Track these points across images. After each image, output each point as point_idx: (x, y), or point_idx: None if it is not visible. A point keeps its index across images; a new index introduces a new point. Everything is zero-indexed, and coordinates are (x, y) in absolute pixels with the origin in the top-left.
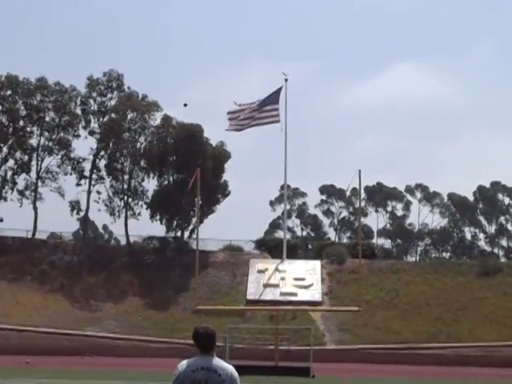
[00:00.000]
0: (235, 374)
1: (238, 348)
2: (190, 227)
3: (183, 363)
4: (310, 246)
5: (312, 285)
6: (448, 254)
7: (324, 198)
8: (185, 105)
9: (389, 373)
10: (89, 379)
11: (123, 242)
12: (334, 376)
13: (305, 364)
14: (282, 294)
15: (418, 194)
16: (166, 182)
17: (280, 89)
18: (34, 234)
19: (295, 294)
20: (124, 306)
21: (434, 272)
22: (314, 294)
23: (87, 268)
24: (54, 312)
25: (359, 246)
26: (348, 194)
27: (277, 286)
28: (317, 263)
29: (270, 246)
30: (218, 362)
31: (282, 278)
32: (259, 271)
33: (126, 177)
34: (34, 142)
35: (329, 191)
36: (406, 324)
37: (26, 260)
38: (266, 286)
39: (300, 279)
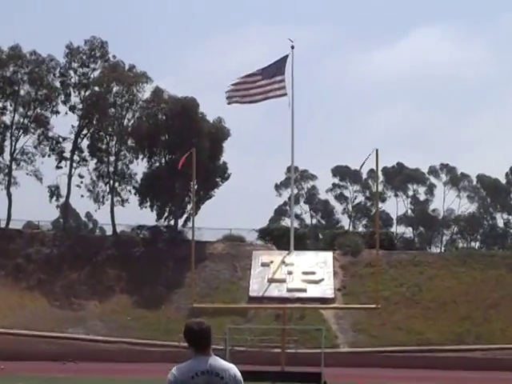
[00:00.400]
0: (238, 374)
1: (240, 351)
2: (185, 215)
3: (179, 368)
4: (320, 236)
5: (323, 279)
6: (477, 243)
7: (336, 181)
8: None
9: (409, 379)
10: None
11: (109, 231)
12: (347, 382)
13: (315, 369)
14: (289, 290)
15: (444, 176)
16: (157, 164)
17: (286, 57)
18: (7, 224)
19: (304, 290)
20: (110, 304)
21: (462, 264)
22: (326, 289)
23: (68, 261)
24: (32, 312)
25: (376, 236)
26: (364, 176)
27: (283, 281)
28: (328, 255)
29: (275, 236)
30: (217, 362)
31: (289, 272)
32: (263, 264)
33: (112, 158)
34: (7, 119)
35: (342, 173)
36: (429, 324)
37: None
38: (270, 281)
39: (309, 273)
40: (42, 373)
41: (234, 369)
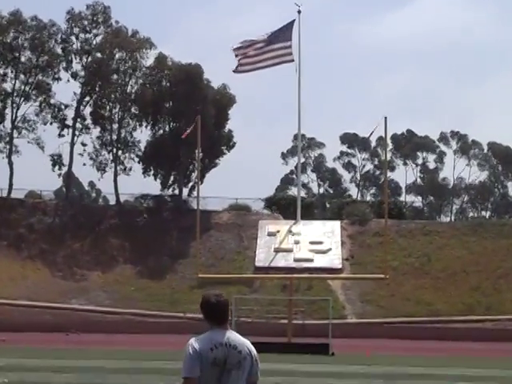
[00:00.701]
0: (254, 350)
1: (246, 322)
2: (190, 184)
3: (198, 339)
4: (327, 205)
5: (330, 249)
6: (488, 212)
7: (344, 149)
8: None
9: (419, 350)
10: (75, 359)
11: (112, 201)
12: (355, 353)
13: (323, 340)
14: (296, 260)
15: (454, 144)
16: (161, 132)
17: (292, 23)
18: (9, 193)
19: (311, 260)
20: (114, 274)
21: (472, 234)
22: (333, 259)
23: (71, 231)
24: (34, 282)
25: (385, 205)
26: (372, 144)
27: (290, 250)
28: (336, 224)
29: (281, 205)
30: (235, 336)
31: (296, 242)
32: (270, 234)
33: (115, 126)
34: (7, 86)
35: (350, 141)
36: (438, 294)
37: (1, 222)
38: (277, 250)
39: (317, 243)
40: (44, 344)
41: (250, 345)
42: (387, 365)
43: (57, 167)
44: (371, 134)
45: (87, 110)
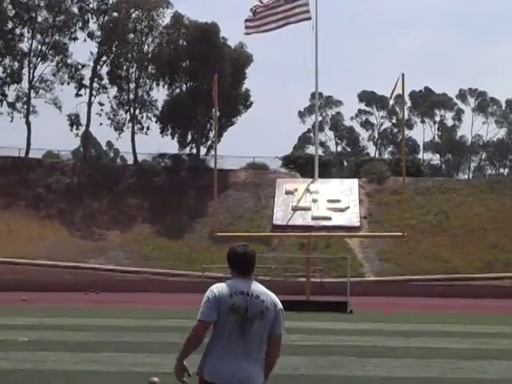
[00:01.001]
0: (279, 303)
1: (264, 280)
2: (207, 143)
3: (219, 285)
4: (345, 163)
5: (348, 207)
6: (506, 169)
7: (362, 106)
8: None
9: (437, 307)
10: (94, 317)
11: (130, 160)
12: (374, 311)
13: (341, 298)
14: (313, 218)
15: (472, 101)
16: (178, 91)
17: None
18: (27, 153)
19: (329, 219)
20: (132, 234)
21: (490, 191)
22: (351, 217)
23: (89, 191)
24: (52, 242)
25: (403, 162)
26: (390, 101)
27: (308, 209)
28: (354, 182)
29: (299, 164)
30: (258, 287)
31: (314, 200)
32: (287, 192)
33: (132, 85)
34: (24, 46)
35: (368, 99)
36: (456, 252)
37: (19, 182)
38: (295, 209)
39: (334, 201)
40: (63, 303)
41: (275, 297)
42: (405, 322)
43: (74, 127)
44: (393, 92)
45: (104, 70)
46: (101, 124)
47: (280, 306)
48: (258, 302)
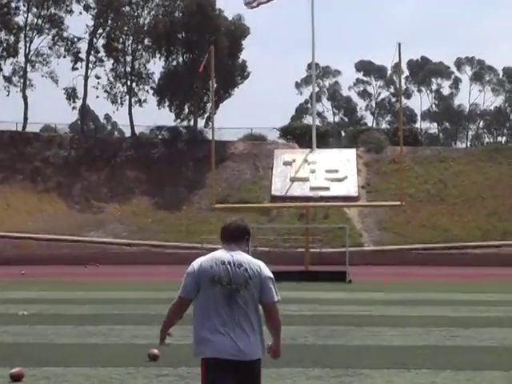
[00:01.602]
0: (266, 270)
1: (263, 251)
2: (205, 115)
3: (200, 258)
4: (343, 133)
5: (346, 177)
6: (504, 138)
7: (360, 76)
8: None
9: (436, 276)
10: (94, 291)
11: (128, 133)
12: (373, 280)
13: (340, 268)
14: (312, 188)
15: (469, 70)
16: (175, 63)
17: None
18: (24, 127)
19: (327, 189)
20: (131, 206)
21: (488, 159)
22: (349, 187)
23: (87, 164)
24: (51, 216)
25: (400, 132)
26: (388, 71)
27: (306, 179)
28: (351, 152)
29: (297, 134)
30: (242, 256)
31: (312, 171)
32: (285, 163)
33: (129, 58)
34: (20, 19)
35: (366, 69)
36: (455, 220)
37: (17, 157)
38: (293, 179)
39: (333, 171)
40: (63, 277)
41: (261, 265)
42: (404, 291)
43: (71, 100)
44: (392, 61)
45: (100, 43)
46: (97, 97)
47: (267, 273)
48: (240, 270)
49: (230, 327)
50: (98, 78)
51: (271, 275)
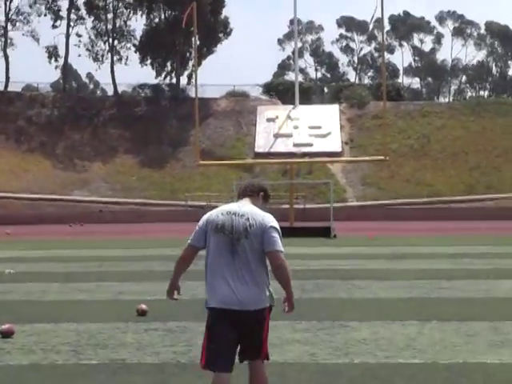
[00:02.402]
0: (269, 220)
1: None
2: (187, 72)
3: (212, 210)
4: (326, 89)
5: (330, 133)
6: (486, 92)
7: (343, 32)
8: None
9: (421, 231)
10: (79, 249)
11: (110, 91)
12: (357, 236)
13: (324, 224)
14: (295, 144)
15: (451, 25)
16: (157, 20)
17: None
18: (6, 86)
19: (311, 145)
20: (114, 165)
21: (471, 114)
22: (333, 143)
23: (70, 123)
24: (35, 175)
25: (383, 87)
26: (370, 26)
27: (289, 135)
28: (334, 108)
29: (279, 91)
30: (248, 207)
31: (295, 127)
32: (268, 120)
33: (110, 16)
34: None
35: (348, 24)
36: (438, 175)
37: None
38: (276, 136)
39: (316, 127)
40: (48, 236)
41: (265, 216)
42: (389, 245)
43: (53, 59)
44: (372, 16)
45: (81, 0)
46: (79, 55)
47: (270, 223)
48: (242, 220)
49: (230, 277)
50: (79, 36)
51: (275, 225)
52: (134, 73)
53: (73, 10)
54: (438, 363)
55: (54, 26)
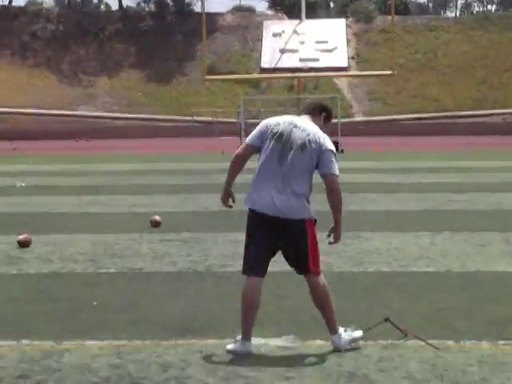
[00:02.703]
0: (329, 143)
1: (254, 124)
2: None
3: (270, 118)
4: (332, 4)
5: (336, 48)
6: (494, 6)
7: None
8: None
9: (428, 145)
10: (88, 163)
11: (115, 6)
12: (364, 151)
13: (332, 139)
14: (301, 59)
15: None
16: None
17: None
18: (10, 1)
19: (317, 60)
20: (120, 80)
21: (478, 28)
22: (339, 58)
23: (75, 37)
24: (41, 90)
25: (391, 0)
26: None
27: (295, 51)
28: (341, 22)
29: (285, 5)
30: (310, 124)
31: (302, 42)
32: (274, 35)
33: None
34: None
35: None
36: (445, 90)
37: (4, 32)
38: (282, 51)
39: (322, 42)
40: (55, 151)
41: (326, 137)
42: (396, 160)
43: None
44: None
45: None
46: None
47: (329, 146)
48: (303, 134)
49: (273, 185)
50: None
51: (334, 149)
52: None
53: None
54: (451, 272)
55: None
